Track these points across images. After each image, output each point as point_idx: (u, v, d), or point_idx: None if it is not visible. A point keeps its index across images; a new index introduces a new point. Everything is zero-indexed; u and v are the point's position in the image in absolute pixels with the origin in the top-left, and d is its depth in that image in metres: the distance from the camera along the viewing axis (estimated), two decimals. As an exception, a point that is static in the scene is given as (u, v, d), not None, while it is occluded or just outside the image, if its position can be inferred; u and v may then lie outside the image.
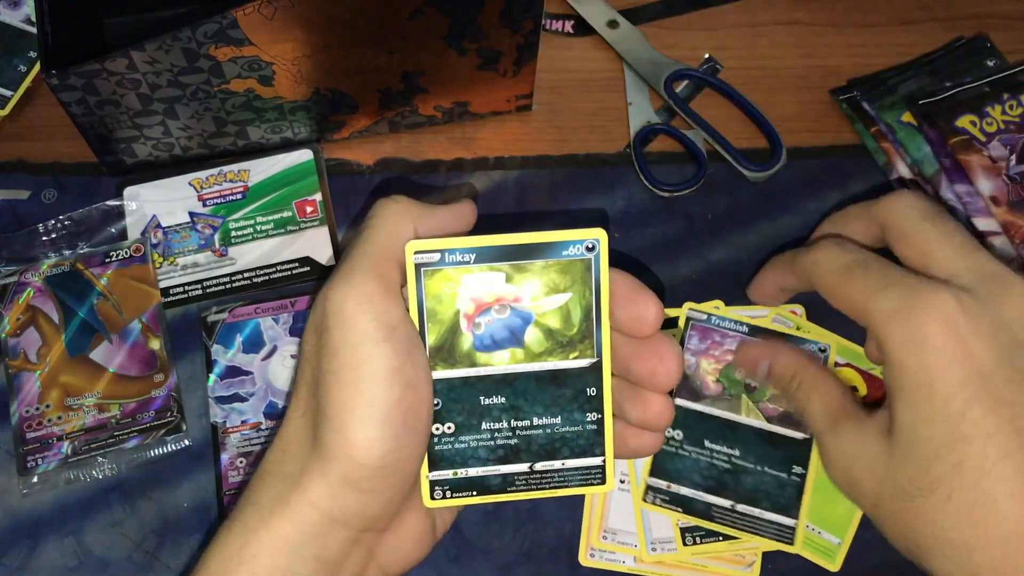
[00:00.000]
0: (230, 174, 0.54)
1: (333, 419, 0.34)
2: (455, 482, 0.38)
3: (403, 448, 0.34)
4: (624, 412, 0.38)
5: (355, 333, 0.34)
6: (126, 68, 0.47)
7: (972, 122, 0.55)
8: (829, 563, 0.48)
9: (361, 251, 0.36)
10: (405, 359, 0.34)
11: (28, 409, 0.49)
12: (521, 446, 0.38)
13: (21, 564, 0.47)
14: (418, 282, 0.36)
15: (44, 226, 0.53)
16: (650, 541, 0.48)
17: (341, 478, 0.34)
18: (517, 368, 0.37)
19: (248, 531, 0.35)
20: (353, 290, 0.34)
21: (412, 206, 0.37)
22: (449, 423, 0.37)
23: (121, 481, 0.49)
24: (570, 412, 0.38)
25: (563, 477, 0.38)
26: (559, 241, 0.36)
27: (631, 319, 0.36)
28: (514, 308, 0.37)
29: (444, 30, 0.49)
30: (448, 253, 0.36)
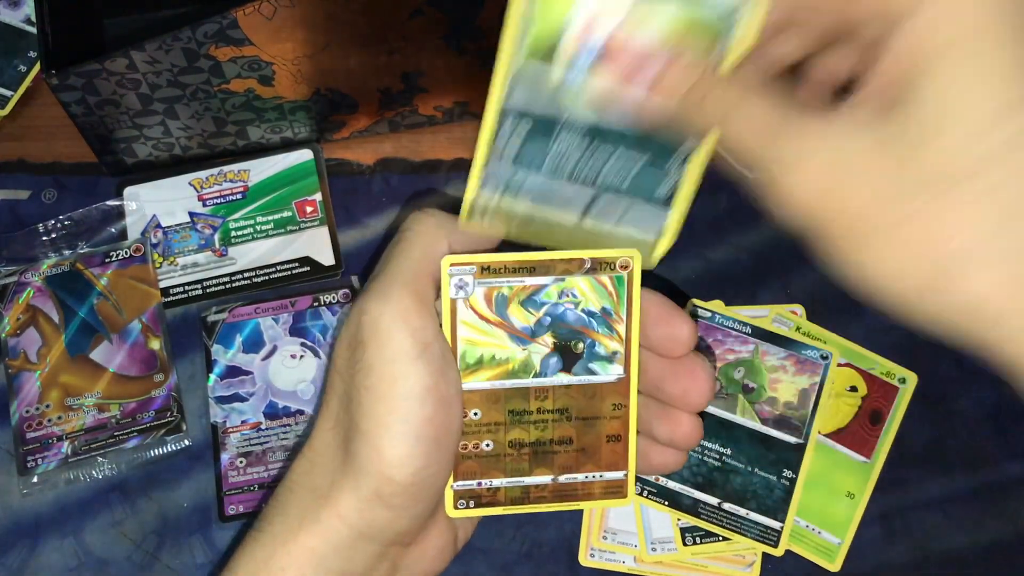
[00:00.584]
0: (230, 174, 0.54)
1: (367, 434, 0.34)
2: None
3: (433, 465, 0.34)
4: (652, 430, 0.38)
5: (391, 349, 0.34)
6: (126, 68, 0.47)
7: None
8: (829, 563, 0.48)
9: (397, 266, 0.35)
10: (439, 377, 0.34)
11: (28, 409, 0.49)
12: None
13: (21, 564, 0.47)
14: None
15: (44, 226, 0.53)
16: (650, 541, 0.48)
17: (372, 493, 0.34)
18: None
19: (276, 543, 0.35)
20: (390, 306, 0.34)
21: (446, 220, 0.36)
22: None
23: (121, 481, 0.49)
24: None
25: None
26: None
27: (664, 339, 0.36)
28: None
29: (444, 30, 0.49)
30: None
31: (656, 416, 0.38)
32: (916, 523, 0.50)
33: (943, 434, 0.51)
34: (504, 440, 0.37)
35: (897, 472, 0.50)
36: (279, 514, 0.36)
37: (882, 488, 0.50)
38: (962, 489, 0.50)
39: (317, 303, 0.52)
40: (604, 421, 0.37)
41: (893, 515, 0.50)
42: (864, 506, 0.49)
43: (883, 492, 0.50)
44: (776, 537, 0.48)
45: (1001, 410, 0.52)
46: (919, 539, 0.49)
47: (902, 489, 0.50)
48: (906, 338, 0.52)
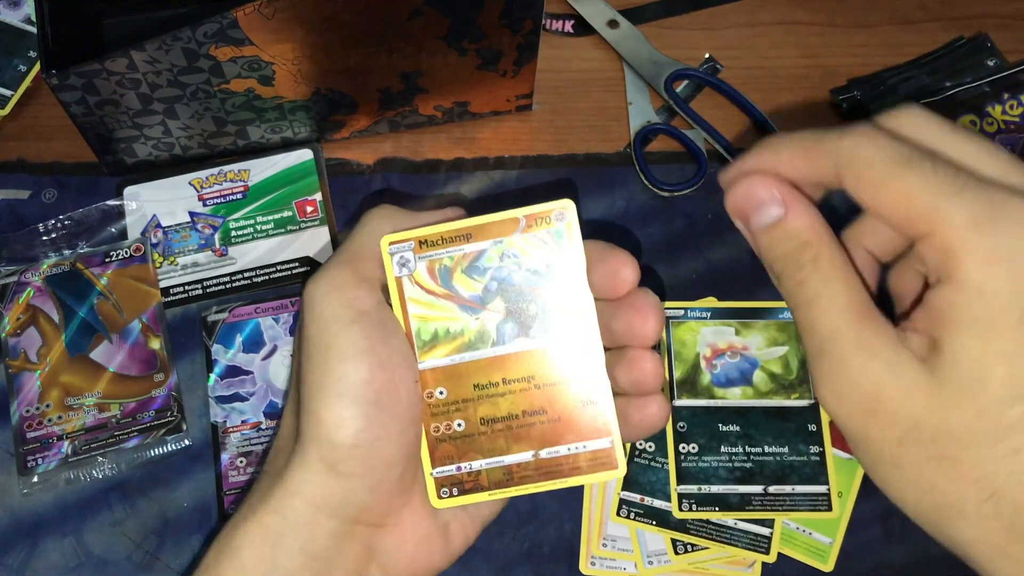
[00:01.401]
0: (230, 174, 0.54)
1: (306, 403, 0.35)
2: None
3: (377, 428, 0.34)
4: (616, 380, 0.37)
5: (324, 318, 0.35)
6: (126, 68, 0.47)
7: (972, 122, 0.55)
8: (822, 564, 0.48)
9: (339, 250, 0.37)
10: (375, 341, 0.35)
11: (28, 409, 0.49)
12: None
13: (21, 564, 0.47)
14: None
15: (44, 226, 0.53)
16: (645, 555, 0.48)
17: (318, 460, 0.34)
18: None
19: (236, 525, 0.36)
20: (324, 281, 0.36)
21: (393, 211, 0.38)
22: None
23: (121, 481, 0.49)
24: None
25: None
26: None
27: (606, 278, 0.36)
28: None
29: (444, 30, 0.49)
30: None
31: (614, 365, 0.37)
32: (915, 523, 0.50)
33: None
34: (475, 417, 0.37)
35: (897, 472, 0.50)
36: (245, 502, 0.37)
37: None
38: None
39: (317, 303, 0.52)
40: (573, 384, 0.37)
41: (892, 515, 0.50)
42: (852, 504, 0.49)
43: (882, 492, 0.50)
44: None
45: (1001, 410, 0.52)
46: (918, 540, 0.49)
47: (902, 489, 0.50)
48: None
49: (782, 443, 0.49)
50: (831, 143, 0.32)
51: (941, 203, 0.29)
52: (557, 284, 0.36)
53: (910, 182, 0.30)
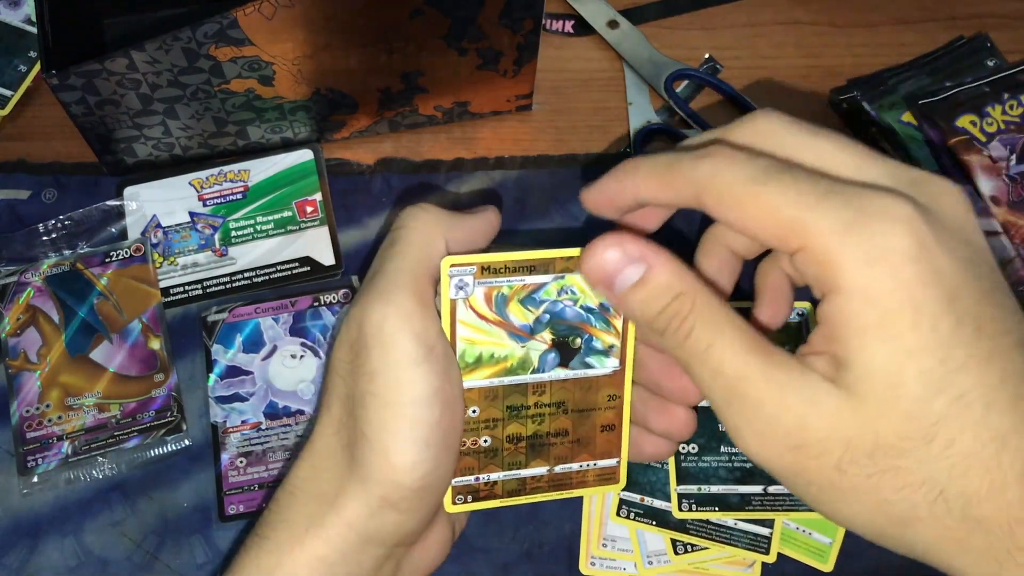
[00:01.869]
0: (230, 174, 0.54)
1: (374, 441, 0.34)
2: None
3: (441, 467, 0.35)
4: (648, 422, 0.38)
5: (396, 354, 0.33)
6: (126, 68, 0.47)
7: (972, 122, 0.55)
8: (822, 564, 0.48)
9: (396, 266, 0.35)
10: (444, 379, 0.34)
11: (28, 409, 0.49)
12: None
13: (21, 564, 0.47)
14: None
15: (44, 226, 0.53)
16: (645, 555, 0.48)
17: (380, 499, 0.34)
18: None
19: (282, 550, 0.35)
20: (392, 308, 0.34)
21: (442, 216, 0.36)
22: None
23: (121, 481, 0.49)
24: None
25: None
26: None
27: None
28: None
29: (444, 30, 0.49)
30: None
31: (652, 409, 0.38)
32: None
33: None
34: (502, 435, 0.37)
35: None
36: (283, 520, 0.36)
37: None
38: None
39: (317, 303, 0.52)
40: (599, 412, 0.38)
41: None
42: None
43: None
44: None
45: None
46: (919, 539, 0.49)
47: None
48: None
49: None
50: (688, 168, 0.31)
51: (806, 215, 0.29)
52: (606, 325, 0.37)
53: (771, 198, 0.29)
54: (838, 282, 0.29)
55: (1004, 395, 0.28)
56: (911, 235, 0.28)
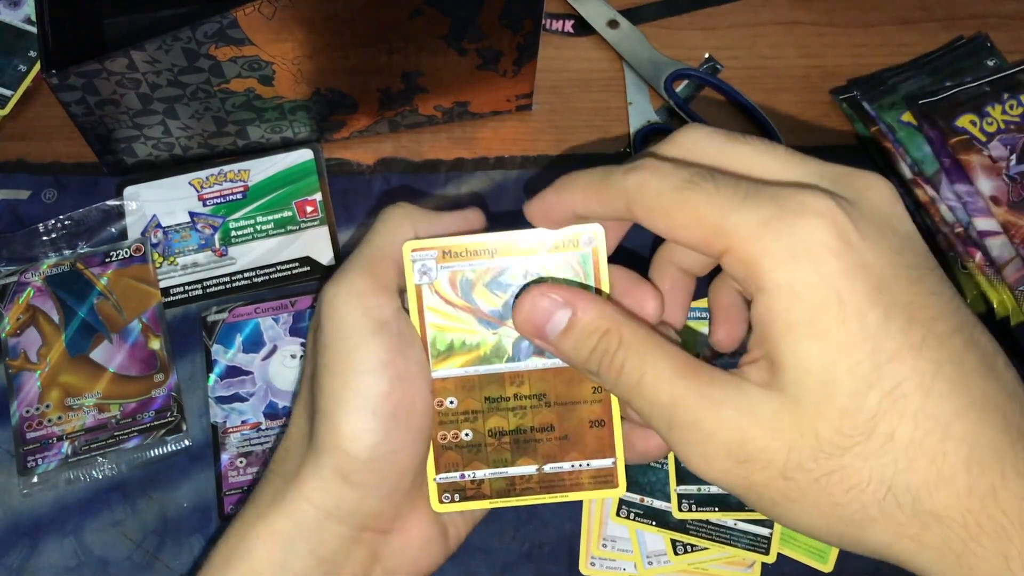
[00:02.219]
0: (230, 174, 0.54)
1: (324, 411, 0.35)
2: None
3: (393, 441, 0.35)
4: (631, 414, 0.37)
5: (344, 326, 0.35)
6: (126, 68, 0.47)
7: (972, 122, 0.55)
8: (822, 564, 0.48)
9: (358, 252, 0.36)
10: (396, 353, 0.35)
11: (28, 409, 0.49)
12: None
13: (21, 564, 0.47)
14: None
15: (44, 226, 0.53)
16: (645, 555, 0.48)
17: (332, 470, 0.34)
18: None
19: (247, 527, 0.36)
20: (345, 286, 0.35)
21: (413, 211, 0.37)
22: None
23: (121, 481, 0.49)
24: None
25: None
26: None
27: (632, 311, 0.36)
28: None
29: (444, 30, 0.49)
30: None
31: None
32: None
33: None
34: (483, 429, 0.37)
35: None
36: (252, 502, 0.37)
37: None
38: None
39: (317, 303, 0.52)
40: (585, 406, 0.37)
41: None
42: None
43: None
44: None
45: (1001, 410, 0.52)
46: (919, 539, 0.49)
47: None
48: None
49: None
50: (617, 181, 0.32)
51: (729, 216, 0.29)
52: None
53: (695, 204, 0.30)
54: (762, 281, 0.29)
55: (941, 382, 0.28)
56: (832, 229, 0.28)
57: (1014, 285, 0.51)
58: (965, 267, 0.52)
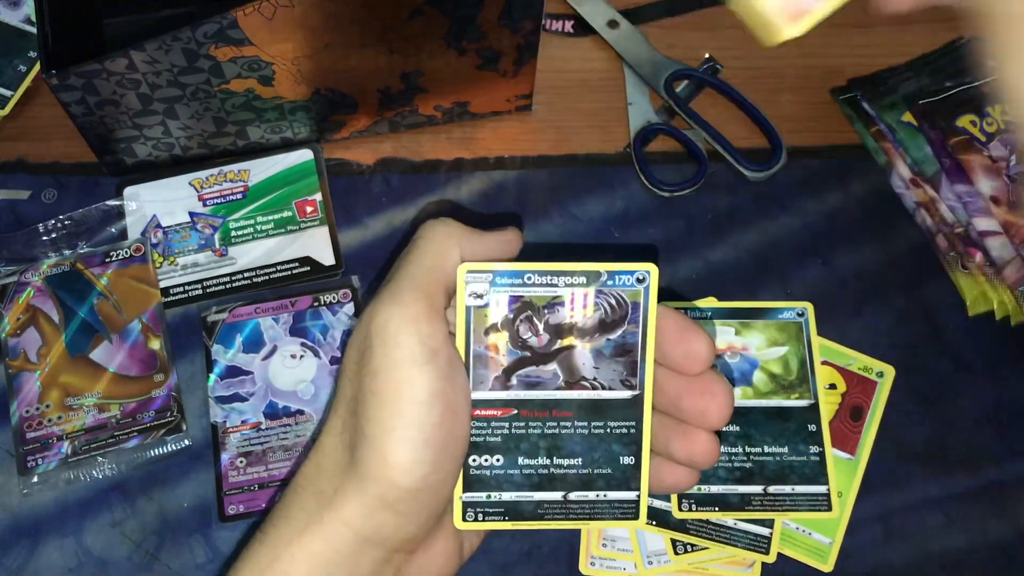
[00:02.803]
0: (230, 174, 0.54)
1: (372, 439, 0.34)
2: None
3: (440, 472, 0.34)
4: (669, 448, 0.37)
5: (399, 353, 0.34)
6: (126, 68, 0.47)
7: (972, 122, 0.55)
8: (822, 564, 0.48)
9: (408, 273, 0.35)
10: (447, 383, 0.34)
11: (28, 409, 0.49)
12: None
13: (21, 564, 0.47)
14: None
15: (44, 226, 0.53)
16: (645, 555, 0.48)
17: (377, 499, 0.34)
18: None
19: (280, 546, 0.35)
20: (398, 310, 0.34)
21: (459, 229, 0.36)
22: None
23: (121, 481, 0.49)
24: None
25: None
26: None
27: (682, 356, 0.36)
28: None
29: (444, 30, 0.49)
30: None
31: (673, 434, 0.37)
32: (916, 523, 0.50)
33: (943, 434, 0.51)
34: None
35: (896, 472, 0.50)
36: (283, 517, 0.36)
37: (881, 488, 0.50)
38: (962, 489, 0.50)
39: (317, 303, 0.52)
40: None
41: (893, 515, 0.50)
42: (852, 504, 0.49)
43: (882, 492, 0.50)
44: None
45: (1001, 409, 0.52)
46: (919, 539, 0.49)
47: (901, 489, 0.50)
48: (902, 336, 0.52)
49: (782, 443, 0.48)
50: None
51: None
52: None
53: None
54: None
55: None
56: None
57: (1014, 285, 0.51)
58: (965, 267, 0.52)
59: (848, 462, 0.50)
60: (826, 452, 0.48)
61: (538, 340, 0.36)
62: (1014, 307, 0.51)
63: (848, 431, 0.50)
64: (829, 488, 0.48)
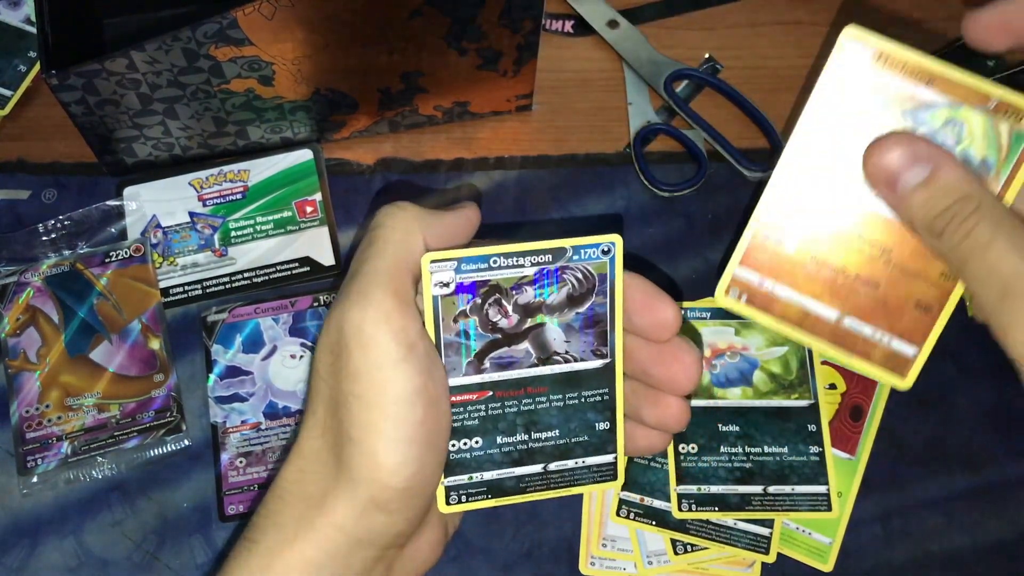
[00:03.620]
0: (230, 174, 0.54)
1: (359, 442, 0.34)
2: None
3: (427, 467, 0.34)
4: (641, 414, 0.38)
5: (377, 354, 0.33)
6: (126, 68, 0.47)
7: (972, 122, 0.54)
8: (822, 564, 0.48)
9: (374, 267, 0.34)
10: (426, 377, 0.34)
11: (28, 409, 0.49)
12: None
13: (21, 564, 0.47)
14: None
15: (44, 226, 0.53)
16: (645, 555, 0.48)
17: (368, 501, 0.34)
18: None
19: (272, 553, 0.35)
20: (371, 309, 0.34)
21: (420, 213, 0.36)
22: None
23: (121, 481, 0.49)
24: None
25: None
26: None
27: (650, 324, 0.36)
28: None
29: (444, 30, 0.49)
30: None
31: (645, 400, 0.38)
32: (916, 523, 0.50)
33: (943, 434, 0.51)
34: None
35: (896, 472, 0.50)
36: (272, 524, 0.36)
37: (881, 488, 0.50)
38: (962, 489, 0.50)
39: (317, 303, 0.52)
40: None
41: (893, 515, 0.50)
42: (852, 504, 0.49)
43: (882, 492, 0.50)
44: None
45: (1001, 410, 0.52)
46: (919, 539, 0.49)
47: (901, 489, 0.50)
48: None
49: (782, 443, 0.49)
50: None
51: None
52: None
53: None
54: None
55: None
56: None
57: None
58: (965, 267, 0.52)
59: (848, 462, 0.50)
60: (826, 452, 0.48)
61: (508, 321, 0.36)
62: (1014, 307, 0.51)
63: (848, 431, 0.50)
64: (829, 488, 0.48)
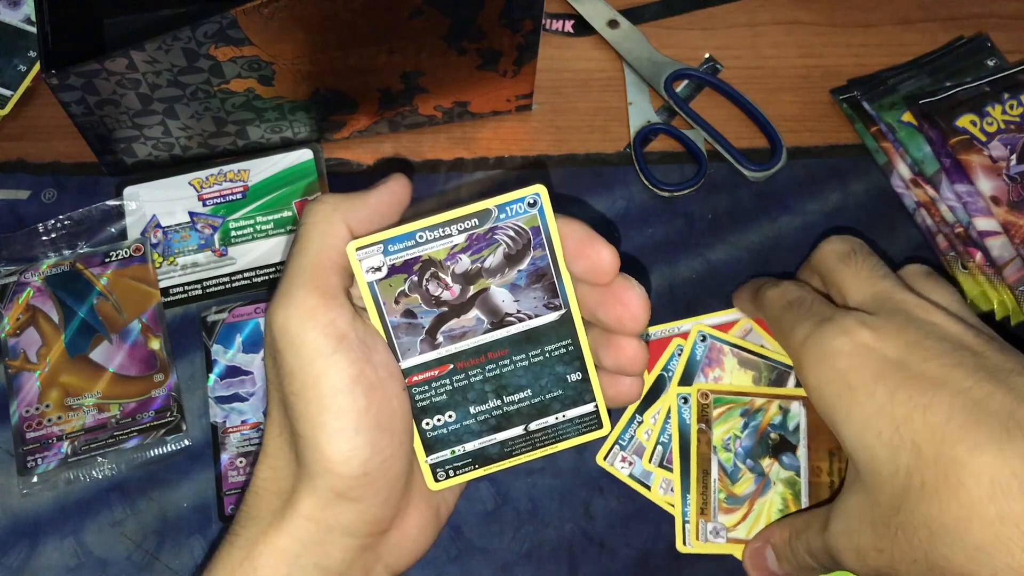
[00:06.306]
0: (230, 174, 0.54)
1: (306, 438, 0.34)
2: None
3: (383, 451, 0.34)
4: (600, 360, 0.38)
5: (305, 351, 0.33)
6: (126, 68, 0.47)
7: (972, 122, 0.55)
8: None
9: (296, 265, 0.35)
10: (364, 363, 0.34)
11: (28, 409, 0.49)
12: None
13: (21, 564, 0.47)
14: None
15: (44, 226, 0.53)
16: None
17: (328, 491, 0.34)
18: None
19: (249, 545, 0.36)
20: (294, 308, 0.34)
21: (340, 201, 0.36)
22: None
23: (121, 481, 0.49)
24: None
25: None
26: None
27: (588, 270, 0.36)
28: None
29: (444, 30, 0.49)
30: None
31: (601, 344, 0.37)
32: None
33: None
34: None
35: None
36: (250, 518, 0.36)
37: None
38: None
39: (317, 303, 0.52)
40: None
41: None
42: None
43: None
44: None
45: (1001, 410, 0.52)
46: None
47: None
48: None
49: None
50: (759, 294, 0.48)
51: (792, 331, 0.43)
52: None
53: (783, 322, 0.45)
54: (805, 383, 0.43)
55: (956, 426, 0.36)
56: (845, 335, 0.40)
57: (1014, 285, 0.51)
58: (965, 267, 0.52)
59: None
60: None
61: (451, 293, 0.36)
62: (1014, 307, 0.51)
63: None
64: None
